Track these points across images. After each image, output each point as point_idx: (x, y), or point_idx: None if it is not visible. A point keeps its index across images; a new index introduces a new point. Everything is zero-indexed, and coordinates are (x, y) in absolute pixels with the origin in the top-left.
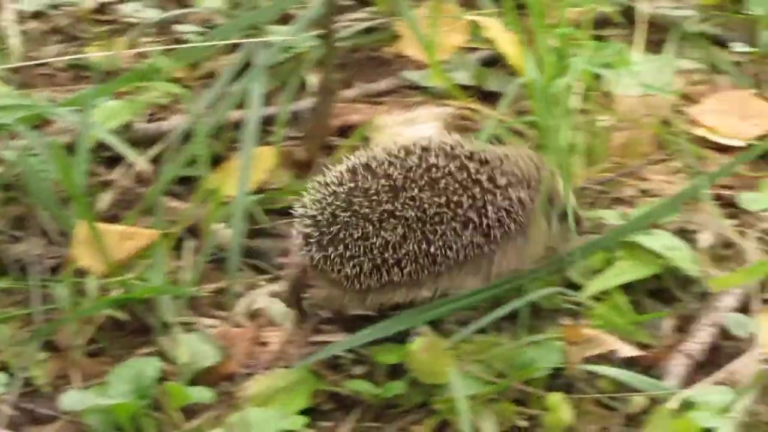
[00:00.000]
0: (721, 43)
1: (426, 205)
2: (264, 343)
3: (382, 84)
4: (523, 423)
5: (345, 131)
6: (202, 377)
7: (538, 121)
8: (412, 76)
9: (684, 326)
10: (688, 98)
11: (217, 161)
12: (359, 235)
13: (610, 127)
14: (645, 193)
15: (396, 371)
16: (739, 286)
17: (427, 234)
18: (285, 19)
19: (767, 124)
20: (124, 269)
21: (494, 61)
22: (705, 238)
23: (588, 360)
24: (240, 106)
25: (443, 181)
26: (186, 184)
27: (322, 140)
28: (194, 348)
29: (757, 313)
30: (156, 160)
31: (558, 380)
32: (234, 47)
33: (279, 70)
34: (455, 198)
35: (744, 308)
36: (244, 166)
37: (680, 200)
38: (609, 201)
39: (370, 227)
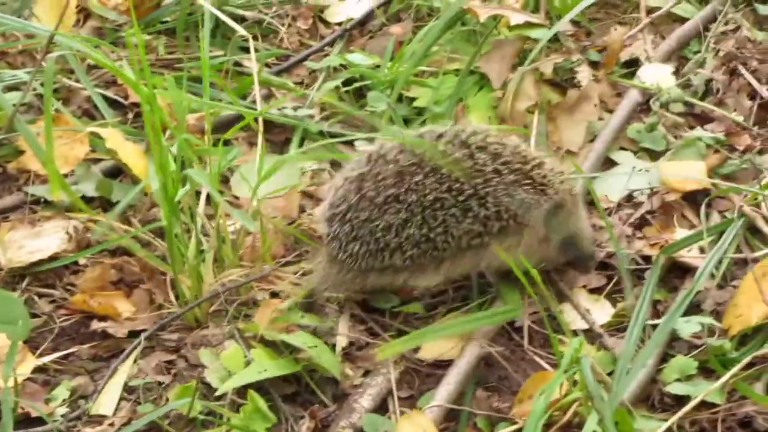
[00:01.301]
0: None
1: (428, 190)
2: None
3: (8, 200)
4: None
5: None
6: None
7: (166, 229)
8: (37, 190)
9: (322, 428)
10: (313, 197)
11: None
12: (365, 217)
13: (240, 231)
14: (275, 296)
15: None
16: (374, 385)
17: (427, 219)
18: None
19: None
20: None
21: (118, 171)
22: (341, 340)
23: None
24: None
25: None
26: None
27: None
28: None
29: (393, 413)
30: None
31: None
32: None
33: None
34: (456, 185)
35: (381, 407)
36: None
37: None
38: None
39: (375, 209)
